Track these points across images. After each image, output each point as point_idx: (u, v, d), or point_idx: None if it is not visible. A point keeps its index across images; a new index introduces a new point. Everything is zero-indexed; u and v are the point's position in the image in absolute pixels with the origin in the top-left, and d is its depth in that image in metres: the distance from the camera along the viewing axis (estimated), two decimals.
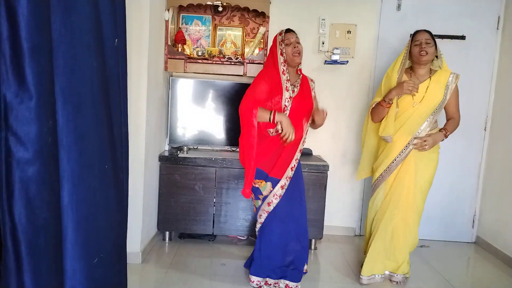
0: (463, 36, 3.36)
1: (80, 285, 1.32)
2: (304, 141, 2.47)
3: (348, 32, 3.38)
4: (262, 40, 3.32)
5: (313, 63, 3.39)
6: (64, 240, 1.29)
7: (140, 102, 2.66)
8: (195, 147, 3.41)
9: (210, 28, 3.42)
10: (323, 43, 3.38)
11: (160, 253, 2.99)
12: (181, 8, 3.39)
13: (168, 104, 3.28)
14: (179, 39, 3.24)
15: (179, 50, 3.24)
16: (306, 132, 2.49)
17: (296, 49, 2.36)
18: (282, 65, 2.37)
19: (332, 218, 3.49)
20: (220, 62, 3.24)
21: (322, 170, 3.08)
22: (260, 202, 2.43)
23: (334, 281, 2.68)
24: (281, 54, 2.37)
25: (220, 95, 3.30)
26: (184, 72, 3.29)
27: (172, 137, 3.30)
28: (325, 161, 3.17)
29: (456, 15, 3.36)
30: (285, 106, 2.34)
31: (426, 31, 2.54)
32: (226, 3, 3.23)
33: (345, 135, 3.53)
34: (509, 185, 3.18)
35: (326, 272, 2.83)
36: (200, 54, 3.23)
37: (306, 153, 3.31)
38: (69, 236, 1.29)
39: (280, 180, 2.37)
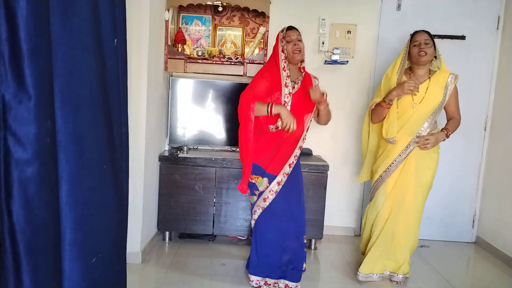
0: (463, 36, 3.36)
1: (78, 286, 1.33)
2: (304, 138, 2.46)
3: (348, 32, 3.39)
4: (262, 40, 3.32)
5: (313, 63, 3.39)
6: (62, 240, 1.29)
7: (140, 102, 2.67)
8: (195, 147, 3.41)
9: (210, 28, 3.43)
10: (323, 43, 3.38)
11: (160, 253, 3.00)
12: (181, 8, 3.39)
13: (168, 104, 3.29)
14: (179, 39, 3.24)
15: (179, 50, 3.25)
16: (307, 129, 2.48)
17: (296, 47, 2.36)
18: (283, 62, 2.38)
19: (332, 218, 3.49)
20: (220, 62, 3.25)
21: (322, 170, 3.09)
22: (255, 198, 2.43)
23: (334, 281, 2.68)
24: (282, 51, 2.39)
25: (220, 95, 3.31)
26: (184, 72, 3.30)
27: (172, 137, 3.31)
28: (325, 161, 3.17)
29: (456, 15, 3.36)
30: (285, 102, 2.35)
31: (425, 31, 2.53)
32: (226, 3, 3.23)
33: (345, 135, 3.53)
34: (509, 185, 3.18)
35: (326, 272, 2.83)
36: (200, 54, 3.24)
37: (306, 153, 3.31)
38: (67, 236, 1.30)
39: (277, 176, 2.37)
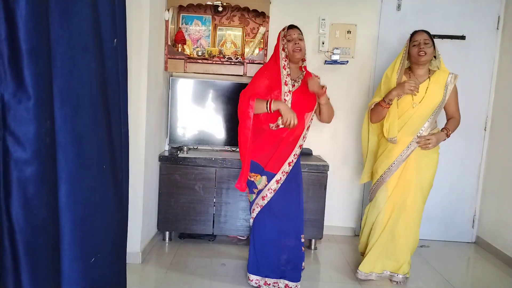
0: (463, 36, 3.36)
1: (77, 285, 1.33)
2: (305, 137, 2.46)
3: (348, 32, 3.39)
4: (262, 40, 3.32)
5: (313, 63, 3.39)
6: (62, 241, 1.29)
7: (140, 102, 2.67)
8: (195, 147, 3.41)
9: (210, 28, 3.43)
10: (323, 43, 3.38)
11: (160, 253, 3.00)
12: (181, 8, 3.39)
13: (168, 104, 3.29)
14: (179, 39, 3.24)
15: (179, 50, 3.25)
16: (308, 128, 2.47)
17: (297, 46, 2.36)
18: (283, 60, 2.38)
19: (332, 218, 3.49)
20: (220, 62, 3.25)
21: (322, 170, 3.09)
22: (254, 196, 2.43)
23: (334, 281, 2.68)
24: (283, 50, 2.39)
25: (220, 95, 3.31)
26: (184, 72, 3.30)
27: (172, 137, 3.31)
28: (325, 161, 3.17)
29: (456, 15, 3.36)
30: (285, 100, 2.35)
31: (424, 31, 2.53)
32: (226, 3, 3.23)
33: (345, 135, 3.53)
34: (509, 185, 3.17)
35: (326, 272, 2.83)
36: (200, 54, 3.24)
37: (306, 153, 3.31)
38: (66, 236, 1.30)
39: (275, 174, 2.37)
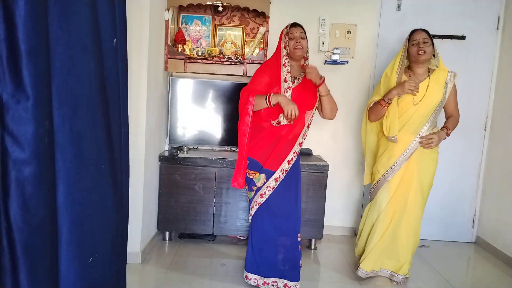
0: (463, 36, 3.35)
1: (74, 286, 1.33)
2: (305, 135, 2.45)
3: (348, 32, 3.38)
4: (262, 40, 3.32)
5: (313, 63, 3.35)
6: (60, 241, 1.30)
7: (140, 102, 2.67)
8: (195, 147, 3.41)
9: (210, 28, 3.43)
10: (323, 43, 3.38)
11: (160, 253, 3.00)
12: (181, 8, 3.39)
13: (168, 104, 3.29)
14: (179, 39, 3.24)
15: (179, 50, 3.25)
16: (308, 126, 2.46)
17: (298, 44, 2.37)
18: (284, 58, 2.39)
19: (332, 218, 3.49)
20: (220, 62, 3.25)
21: (322, 170, 3.08)
22: (253, 193, 2.43)
23: (334, 281, 2.68)
24: (284, 47, 2.40)
25: (220, 95, 3.31)
26: (184, 72, 3.30)
27: (172, 137, 3.31)
28: (325, 161, 3.17)
29: (456, 15, 3.36)
30: None
31: (423, 30, 2.54)
32: (226, 3, 3.23)
33: (345, 135, 3.53)
34: (509, 185, 3.17)
35: (326, 272, 2.83)
36: (200, 54, 3.24)
37: (306, 153, 3.32)
38: (64, 236, 1.30)
39: (274, 172, 2.37)
